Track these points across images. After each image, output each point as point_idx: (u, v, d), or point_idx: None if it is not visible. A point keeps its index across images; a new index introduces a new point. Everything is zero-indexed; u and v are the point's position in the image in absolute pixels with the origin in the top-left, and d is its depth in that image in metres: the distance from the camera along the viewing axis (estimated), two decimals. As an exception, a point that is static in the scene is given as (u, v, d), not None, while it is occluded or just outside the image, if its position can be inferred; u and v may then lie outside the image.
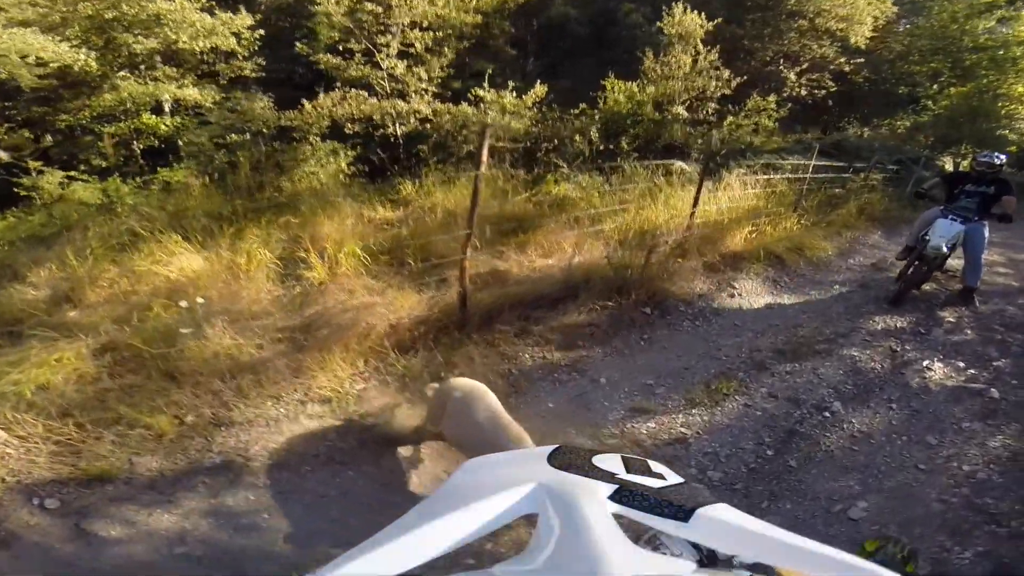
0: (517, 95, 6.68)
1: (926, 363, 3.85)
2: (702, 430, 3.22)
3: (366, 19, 6.39)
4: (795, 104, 9.78)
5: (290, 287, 3.88)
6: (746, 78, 8.29)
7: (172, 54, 6.30)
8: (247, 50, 6.73)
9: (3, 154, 5.43)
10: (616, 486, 0.64)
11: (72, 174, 5.38)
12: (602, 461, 0.72)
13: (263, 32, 6.72)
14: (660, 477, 0.71)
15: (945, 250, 4.48)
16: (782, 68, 10.10)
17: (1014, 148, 10.79)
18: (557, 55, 10.16)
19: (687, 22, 7.31)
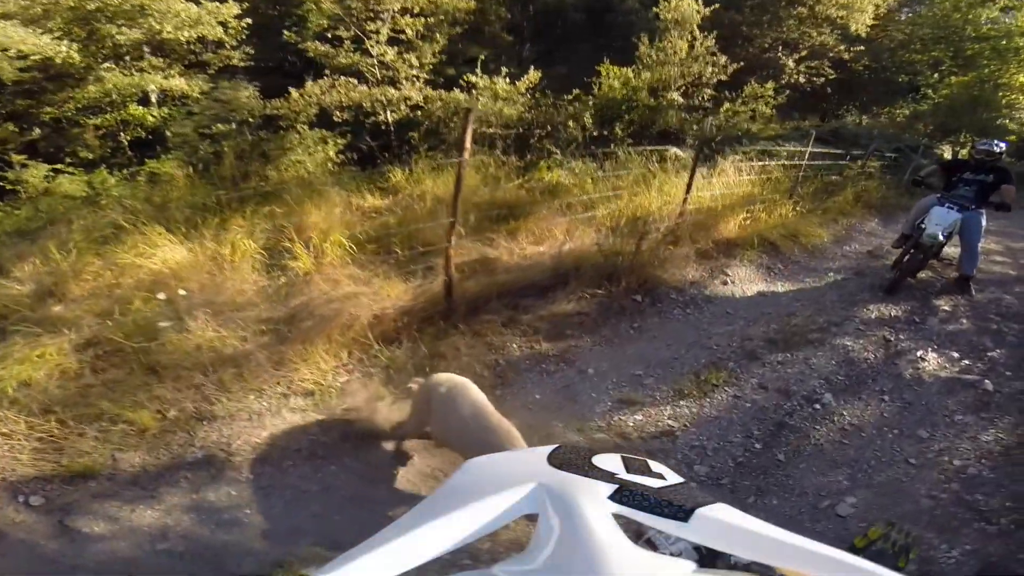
0: (511, 81, 6.59)
1: (920, 353, 3.81)
2: (690, 423, 3.20)
3: (355, 6, 6.29)
4: (793, 91, 9.66)
5: (275, 277, 3.83)
6: (743, 64, 8.16)
7: (158, 44, 6.20)
8: (235, 39, 6.63)
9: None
10: (616, 486, 0.65)
11: (58, 167, 5.32)
12: (602, 461, 0.73)
13: (251, 21, 6.61)
14: (660, 477, 0.71)
15: (941, 238, 4.42)
16: (780, 55, 9.96)
17: (1014, 138, 10.72)
18: (553, 41, 10.01)
19: (684, 7, 7.17)
